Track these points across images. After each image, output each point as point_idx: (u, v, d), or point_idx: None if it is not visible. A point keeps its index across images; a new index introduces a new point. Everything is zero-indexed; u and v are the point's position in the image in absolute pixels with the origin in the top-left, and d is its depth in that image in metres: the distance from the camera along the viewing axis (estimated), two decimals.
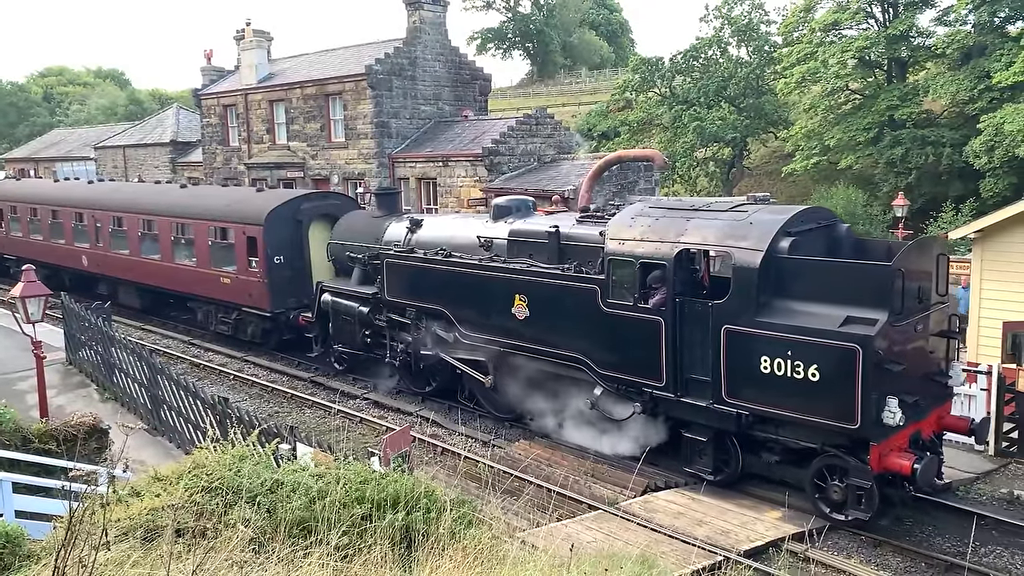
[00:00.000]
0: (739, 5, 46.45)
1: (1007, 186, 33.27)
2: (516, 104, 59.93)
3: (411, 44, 31.32)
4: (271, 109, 34.55)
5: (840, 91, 41.04)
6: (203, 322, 22.85)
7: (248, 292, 20.38)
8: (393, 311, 16.52)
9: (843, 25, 41.07)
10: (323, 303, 18.29)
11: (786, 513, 11.13)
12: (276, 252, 19.74)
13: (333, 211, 20.17)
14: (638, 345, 12.17)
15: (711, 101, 45.36)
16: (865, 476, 10.31)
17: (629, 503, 11.67)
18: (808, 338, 10.27)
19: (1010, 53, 33.74)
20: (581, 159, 28.56)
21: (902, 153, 37.26)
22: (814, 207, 12.52)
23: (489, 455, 13.84)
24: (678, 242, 11.80)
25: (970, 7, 36.28)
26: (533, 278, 13.55)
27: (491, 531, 7.00)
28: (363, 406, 17.20)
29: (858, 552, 10.55)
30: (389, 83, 30.52)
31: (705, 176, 46.14)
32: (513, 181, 26.87)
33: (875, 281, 10.20)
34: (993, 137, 31.86)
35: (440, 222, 16.84)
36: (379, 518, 6.35)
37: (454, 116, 32.01)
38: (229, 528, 6.15)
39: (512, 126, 28.37)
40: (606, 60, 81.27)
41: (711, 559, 9.81)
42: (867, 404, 9.92)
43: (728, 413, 11.26)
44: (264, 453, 8.21)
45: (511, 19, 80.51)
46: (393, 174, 30.51)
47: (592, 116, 55.24)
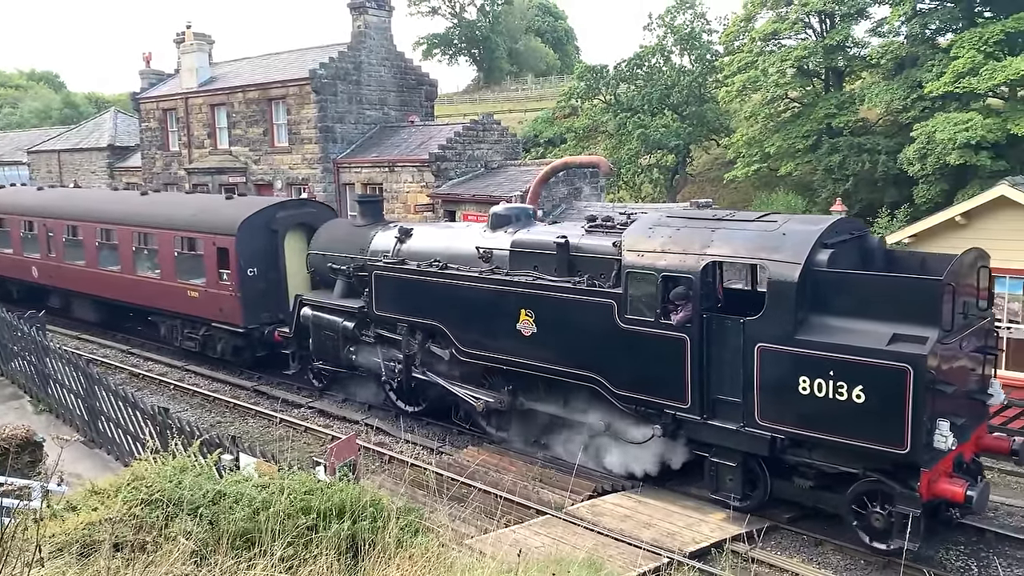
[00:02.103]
0: (681, 14, 47.17)
1: (939, 192, 34.35)
2: (463, 110, 59.86)
3: (356, 49, 31.11)
4: (212, 113, 33.96)
5: (779, 99, 41.94)
6: (167, 337, 21.54)
7: (219, 306, 19.20)
8: (382, 326, 15.57)
9: (782, 35, 42.02)
10: (303, 318, 17.19)
11: (730, 514, 11.30)
12: (249, 264, 18.66)
13: (310, 220, 19.24)
14: (660, 364, 11.42)
15: (655, 108, 45.94)
16: (913, 504, 9.66)
17: (577, 507, 11.73)
18: (853, 357, 9.64)
19: (940, 64, 34.86)
20: (528, 165, 28.68)
21: (839, 160, 38.22)
22: (845, 218, 11.83)
23: (436, 462, 13.78)
24: (704, 254, 11.04)
25: (903, 19, 37.43)
26: (541, 292, 12.68)
27: (438, 539, 6.96)
28: (308, 415, 17.00)
29: (800, 551, 10.78)
30: (334, 88, 30.26)
31: (650, 182, 46.68)
32: (460, 187, 26.84)
33: (924, 296, 9.58)
34: (925, 145, 32.86)
35: (432, 231, 15.92)
36: (325, 528, 6.27)
37: (400, 121, 31.87)
38: (170, 541, 6.00)
39: (459, 132, 28.36)
40: (552, 67, 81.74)
41: (657, 561, 9.92)
42: (917, 427, 9.33)
43: (761, 437, 10.62)
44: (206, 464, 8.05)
45: (457, 25, 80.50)
46: (338, 179, 30.24)
47: (538, 122, 55.47)
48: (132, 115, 41.41)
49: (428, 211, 26.83)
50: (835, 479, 10.51)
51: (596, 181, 27.90)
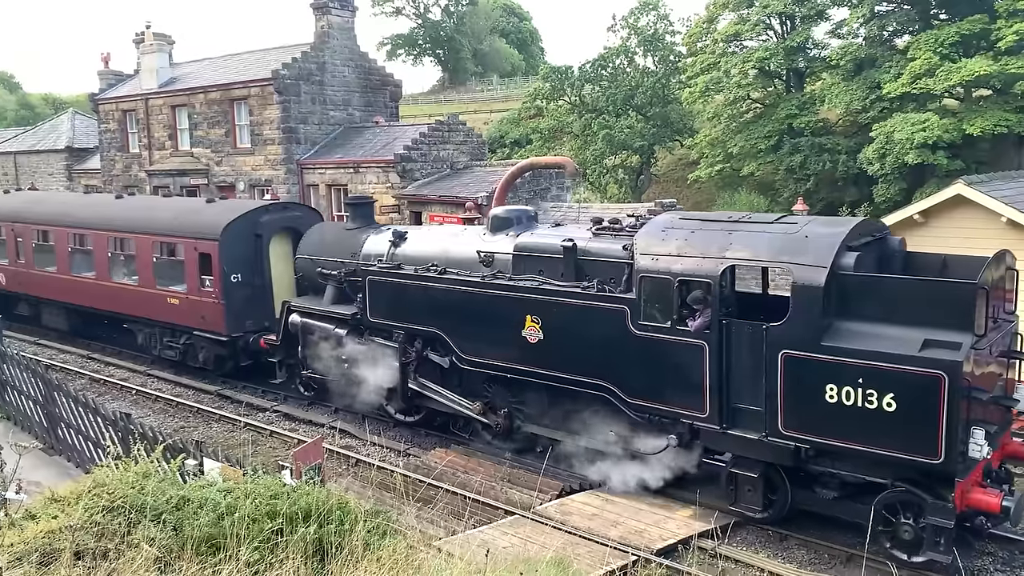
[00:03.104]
0: (645, 16, 47.49)
1: (898, 191, 34.97)
2: (428, 110, 59.68)
3: (319, 49, 30.89)
4: (173, 114, 33.51)
5: (742, 100, 42.41)
6: (144, 346, 20.75)
7: (200, 314, 18.51)
8: (376, 333, 14.99)
9: (744, 36, 42.49)
10: (291, 325, 16.53)
11: (697, 511, 11.40)
12: (233, 269, 18.02)
13: (295, 224, 18.72)
14: (676, 371, 11.04)
15: (619, 110, 46.20)
16: (946, 515, 9.36)
17: (545, 506, 11.76)
18: (884, 364, 9.32)
19: (898, 65, 35.50)
20: (494, 166, 28.70)
21: (801, 160, 38.77)
22: (867, 219, 11.32)
23: (404, 464, 13.73)
24: (723, 258, 10.67)
25: (861, 21, 38.06)
26: (549, 298, 12.26)
27: (406, 541, 6.95)
28: (273, 419, 16.84)
29: (765, 546, 10.90)
30: (297, 88, 30.02)
31: (615, 183, 46.95)
32: (426, 187, 26.77)
33: (957, 300, 9.27)
34: (884, 145, 33.43)
35: (428, 235, 15.42)
36: (291, 532, 6.23)
37: (365, 122, 31.70)
38: (132, 548, 5.93)
39: (424, 132, 28.28)
40: (517, 68, 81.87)
41: (625, 559, 9.98)
42: (952, 436, 9.03)
43: (784, 447, 10.27)
44: (169, 469, 7.96)
45: (421, 26, 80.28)
46: (302, 181, 30.01)
47: (504, 123, 55.52)
48: (90, 116, 40.71)
49: (394, 212, 26.73)
50: (859, 489, 10.23)
51: (562, 182, 27.99)
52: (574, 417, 12.54)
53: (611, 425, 12.07)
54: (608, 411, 12.03)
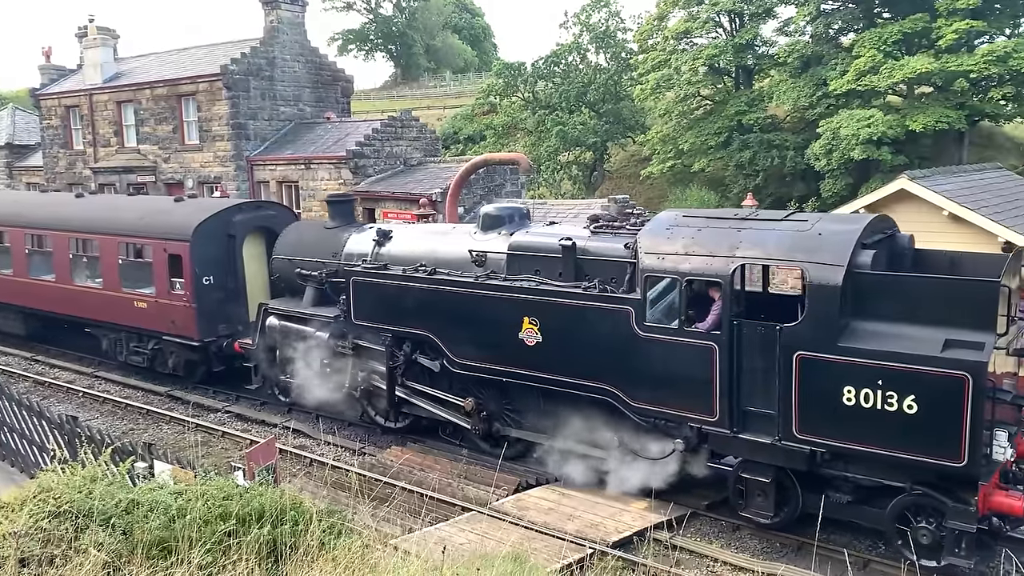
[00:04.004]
0: (597, 12, 47.75)
1: (844, 186, 35.71)
2: (380, 106, 59.21)
3: (269, 44, 30.47)
4: (119, 110, 32.77)
5: (692, 97, 42.89)
6: (109, 352, 19.77)
7: (170, 318, 17.70)
8: (362, 336, 14.44)
9: (694, 34, 42.98)
10: (268, 328, 15.88)
11: (651, 503, 11.52)
12: (205, 271, 17.29)
13: (269, 223, 18.04)
14: (684, 374, 10.69)
15: (572, 106, 46.40)
16: (968, 519, 9.15)
17: (502, 502, 11.79)
18: (905, 365, 9.08)
19: (843, 63, 36.22)
20: (448, 162, 28.62)
21: (750, 156, 39.37)
22: (880, 215, 11.11)
23: (359, 463, 13.64)
24: (734, 256, 10.33)
25: (807, 19, 38.78)
26: (548, 299, 11.80)
27: (362, 540, 6.91)
28: (225, 419, 16.61)
29: (719, 537, 11.07)
30: (246, 84, 29.57)
31: (569, 179, 47.17)
32: (379, 184, 26.59)
33: (979, 299, 9.05)
34: (831, 141, 34.10)
35: (414, 233, 14.84)
36: (244, 533, 6.15)
37: (316, 118, 31.38)
38: (80, 554, 5.80)
39: (377, 128, 28.08)
40: (470, 64, 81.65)
41: (581, 552, 10.06)
42: (975, 438, 8.83)
43: (799, 451, 9.98)
44: (118, 473, 7.81)
45: (372, 21, 79.63)
46: (252, 177, 29.59)
47: (457, 119, 55.38)
48: (31, 112, 39.62)
49: None
50: (873, 493, 10.01)
51: (516, 178, 28.03)
52: (573, 422, 12.16)
53: (613, 430, 11.71)
54: (610, 415, 11.67)
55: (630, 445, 11.64)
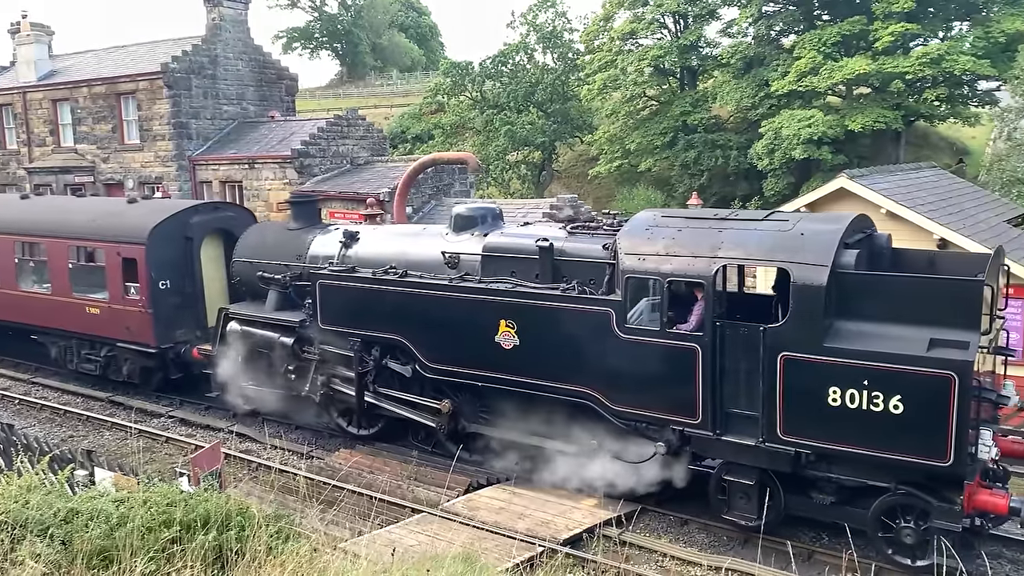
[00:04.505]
0: (543, 13, 47.96)
1: (786, 185, 36.49)
2: (326, 105, 58.60)
3: (211, 42, 29.93)
4: (55, 109, 31.87)
5: (638, 98, 43.39)
6: (59, 360, 18.90)
7: (125, 324, 17.01)
8: (329, 341, 13.92)
9: (639, 35, 43.50)
10: (230, 333, 15.31)
11: (601, 500, 11.61)
12: (162, 275, 16.66)
13: (228, 224, 17.47)
14: (666, 376, 10.53)
15: (520, 106, 46.53)
16: (953, 518, 9.13)
17: (452, 503, 11.76)
18: (891, 365, 9.03)
19: (785, 64, 37.02)
20: (396, 161, 28.45)
21: (695, 156, 39.98)
22: (858, 215, 10.90)
23: (307, 466, 13.49)
24: (716, 257, 10.18)
25: (750, 20, 39.52)
26: (525, 301, 11.51)
27: (310, 544, 6.83)
28: (169, 424, 16.28)
29: (667, 531, 11.20)
30: (188, 82, 29.00)
31: (518, 179, 47.30)
32: (325, 184, 26.31)
33: (963, 298, 9.00)
34: (773, 141, 34.82)
35: (382, 235, 14.34)
36: (189, 540, 6.04)
37: (260, 117, 30.93)
38: (16, 565, 5.64)
39: (322, 127, 27.78)
40: (417, 63, 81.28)
41: (532, 551, 10.08)
42: (961, 438, 8.79)
43: (784, 452, 9.87)
44: (57, 481, 7.61)
45: (318, 18, 78.76)
46: (194, 177, 29.04)
47: (405, 118, 55.11)
48: None
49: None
50: (857, 493, 9.96)
51: (465, 177, 28.00)
52: (550, 426, 11.96)
53: (592, 433, 11.49)
54: (589, 419, 11.45)
55: (610, 448, 11.44)
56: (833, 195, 17.25)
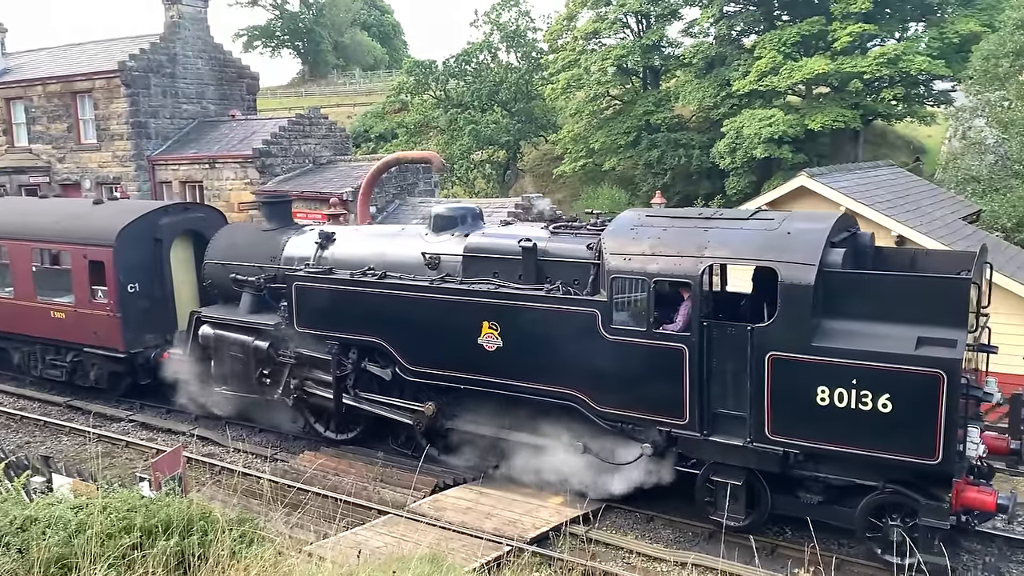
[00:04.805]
0: (507, 12, 47.97)
1: (748, 184, 36.90)
2: (288, 104, 58.01)
3: (170, 40, 29.48)
4: (8, 108, 31.18)
5: (602, 97, 43.59)
6: (22, 366, 18.41)
7: (92, 329, 16.62)
8: (305, 345, 13.66)
9: (603, 34, 43.70)
10: (202, 337, 14.96)
11: (567, 498, 11.65)
12: (130, 278, 16.25)
13: (198, 226, 17.10)
14: (652, 377, 10.46)
15: (484, 105, 46.49)
16: (941, 516, 9.17)
17: (419, 504, 11.72)
18: (879, 364, 9.03)
19: (746, 63, 37.42)
20: (359, 161, 28.27)
21: (658, 155, 40.27)
22: (842, 214, 10.87)
23: (271, 469, 13.35)
24: (703, 256, 10.14)
25: (711, 21, 39.89)
26: (508, 302, 11.36)
27: (275, 547, 6.76)
28: (129, 429, 16.01)
29: (633, 528, 11.28)
30: (146, 81, 28.54)
31: (483, 178, 47.27)
32: (288, 183, 26.06)
33: (950, 296, 9.04)
34: (734, 140, 35.19)
35: (359, 236, 14.06)
36: (150, 546, 5.94)
37: (220, 116, 30.55)
38: None
39: (284, 126, 27.52)
40: (380, 61, 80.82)
41: (499, 550, 10.09)
42: (950, 436, 8.81)
43: (772, 452, 9.85)
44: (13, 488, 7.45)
45: (279, 17, 77.94)
46: (154, 177, 28.60)
47: (368, 117, 54.76)
48: None
49: (254, 209, 25.89)
50: (844, 492, 9.96)
51: (429, 177, 27.92)
52: (534, 427, 11.88)
53: (577, 435, 11.42)
54: (573, 420, 11.38)
55: (595, 450, 11.37)
56: (794, 193, 17.50)
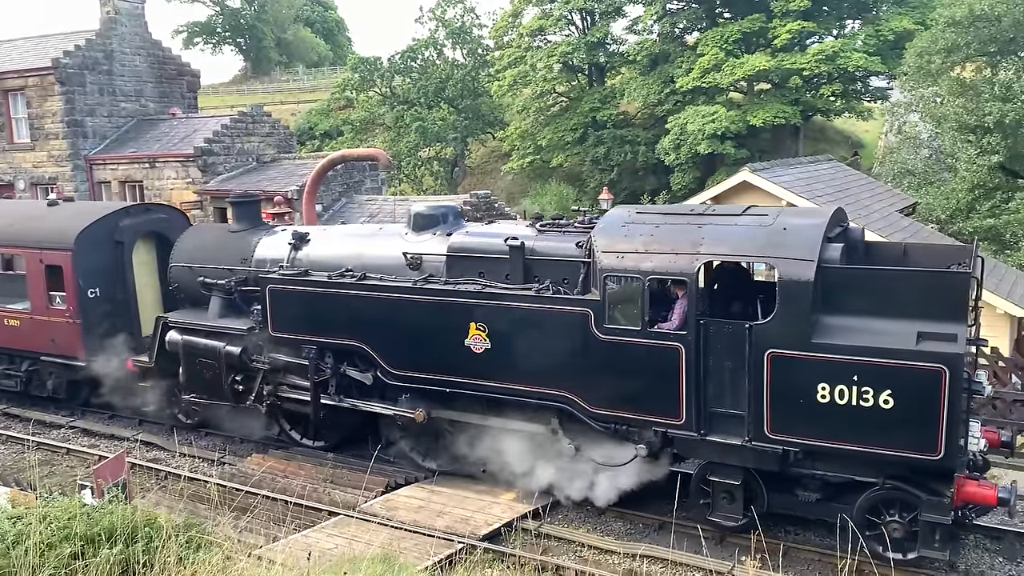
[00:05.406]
0: (452, 8, 47.85)
1: (692, 179, 37.42)
2: (230, 101, 57.03)
3: (106, 36, 28.74)
4: None
5: (548, 94, 43.80)
6: None
7: (50, 337, 15.88)
8: (280, 349, 13.16)
9: (548, 31, 43.90)
10: (169, 344, 14.29)
11: (519, 493, 11.68)
12: (91, 283, 15.54)
13: (161, 227, 16.39)
14: (648, 377, 10.25)
15: (431, 102, 46.32)
16: (942, 511, 9.12)
17: (370, 504, 11.64)
18: (881, 360, 8.94)
19: (689, 60, 37.93)
20: (304, 159, 27.94)
21: (605, 151, 40.60)
22: (838, 209, 10.73)
23: (219, 473, 13.14)
24: (699, 253, 9.94)
25: (655, 18, 40.33)
26: (497, 303, 11.05)
27: (223, 552, 6.67)
28: (70, 435, 15.59)
29: (584, 522, 11.35)
30: (82, 78, 27.79)
31: (430, 175, 47.09)
32: (231, 182, 25.65)
33: (950, 290, 8.99)
34: (679, 136, 35.65)
35: (335, 236, 13.57)
36: (92, 555, 5.81)
37: (160, 114, 29.91)
38: None
39: (226, 124, 27.06)
40: (324, 58, 79.97)
41: (451, 548, 10.07)
42: (952, 431, 8.76)
43: (771, 451, 9.69)
44: None
45: (219, 13, 76.59)
46: (91, 178, 27.88)
47: (313, 115, 54.16)
48: None
49: (196, 209, 25.42)
50: (842, 489, 9.87)
51: (376, 174, 27.73)
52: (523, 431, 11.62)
53: (568, 437, 11.21)
54: (564, 422, 11.19)
55: (587, 452, 11.16)
56: (737, 188, 17.82)
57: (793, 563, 10.05)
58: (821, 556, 10.05)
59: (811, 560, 10.15)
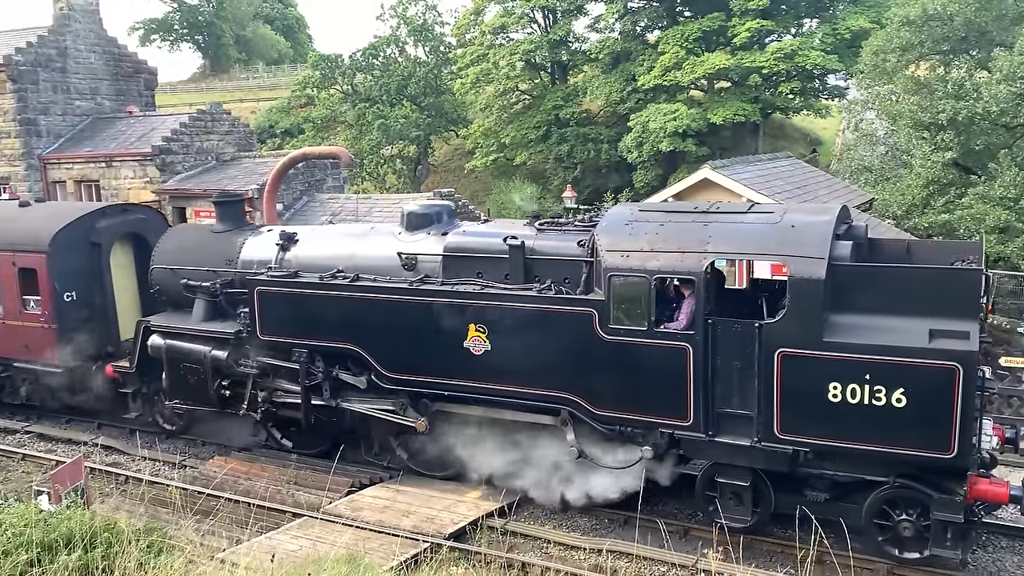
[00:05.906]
0: (414, 5, 47.60)
1: (655, 177, 37.68)
2: (188, 99, 56.10)
3: (59, 33, 28.14)
4: None
5: (511, 92, 43.81)
6: None
7: (23, 342, 15.47)
8: (269, 354, 12.79)
9: (510, 29, 43.89)
10: (152, 348, 13.92)
11: (485, 491, 11.70)
12: (67, 286, 15.15)
13: (139, 228, 16.06)
14: (654, 378, 10.08)
15: (393, 99, 46.04)
16: (954, 509, 9.06)
17: (335, 504, 11.58)
18: (893, 358, 8.84)
19: (650, 59, 38.17)
20: (264, 157, 27.63)
21: (568, 149, 40.73)
22: (844, 205, 10.64)
23: (180, 476, 12.97)
24: (706, 252, 9.77)
25: (616, 16, 40.51)
26: (498, 304, 10.79)
27: (185, 556, 6.59)
28: (25, 440, 15.29)
29: (550, 518, 11.41)
30: (34, 75, 27.19)
31: (393, 173, 46.82)
32: (190, 181, 25.30)
33: (962, 288, 8.89)
34: (641, 134, 35.87)
35: (326, 236, 13.22)
36: (50, 562, 5.71)
37: (117, 112, 29.37)
38: None
39: (185, 122, 26.65)
40: (284, 55, 79.11)
41: (417, 547, 10.06)
42: (966, 429, 8.69)
43: (781, 452, 9.57)
44: None
45: (177, 9, 75.39)
46: (46, 177, 27.30)
47: (273, 112, 53.54)
48: None
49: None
50: (851, 488, 9.81)
51: (338, 172, 27.52)
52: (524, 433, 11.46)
53: (573, 439, 10.98)
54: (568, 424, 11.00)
55: (591, 454, 10.99)
56: (698, 185, 17.99)
57: (756, 555, 10.21)
58: (783, 548, 10.21)
59: (773, 552, 10.31)
